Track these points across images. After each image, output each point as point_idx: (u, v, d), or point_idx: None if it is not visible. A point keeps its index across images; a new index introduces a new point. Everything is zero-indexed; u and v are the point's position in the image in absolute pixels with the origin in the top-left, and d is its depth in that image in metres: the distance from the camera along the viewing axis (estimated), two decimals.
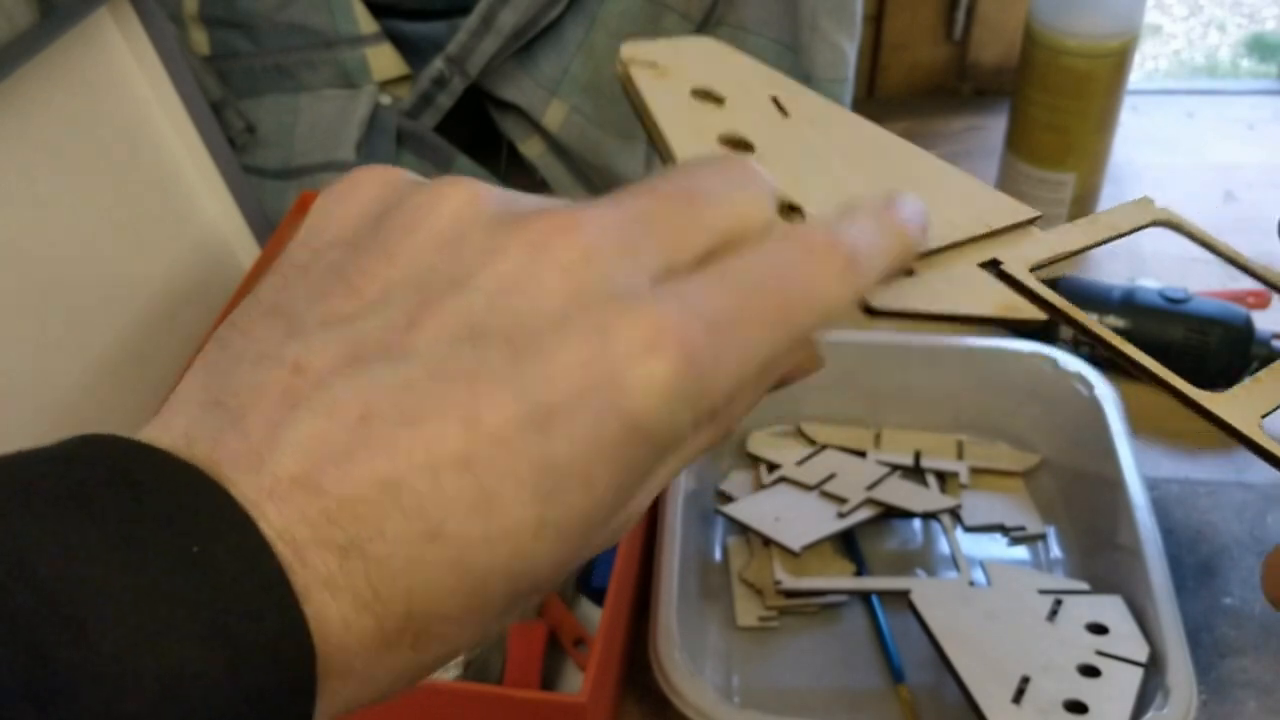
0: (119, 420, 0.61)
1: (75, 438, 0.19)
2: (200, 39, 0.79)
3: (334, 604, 0.19)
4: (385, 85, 0.79)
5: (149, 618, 0.18)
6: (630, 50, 0.32)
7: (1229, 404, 0.30)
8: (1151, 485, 0.57)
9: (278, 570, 0.19)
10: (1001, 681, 0.50)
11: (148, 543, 0.18)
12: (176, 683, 0.17)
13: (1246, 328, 0.67)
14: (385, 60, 0.79)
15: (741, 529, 0.61)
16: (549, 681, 0.54)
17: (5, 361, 0.56)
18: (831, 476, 0.62)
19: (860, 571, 0.59)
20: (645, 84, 0.31)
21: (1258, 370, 0.68)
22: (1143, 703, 0.49)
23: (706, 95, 0.32)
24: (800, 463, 0.64)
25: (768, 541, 0.59)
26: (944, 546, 0.61)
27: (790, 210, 0.29)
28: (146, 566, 0.18)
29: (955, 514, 0.62)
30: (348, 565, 0.19)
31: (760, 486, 0.63)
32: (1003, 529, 0.62)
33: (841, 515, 0.60)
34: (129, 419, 0.60)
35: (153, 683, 0.17)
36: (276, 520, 0.19)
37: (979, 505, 0.63)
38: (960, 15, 0.92)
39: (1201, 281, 0.78)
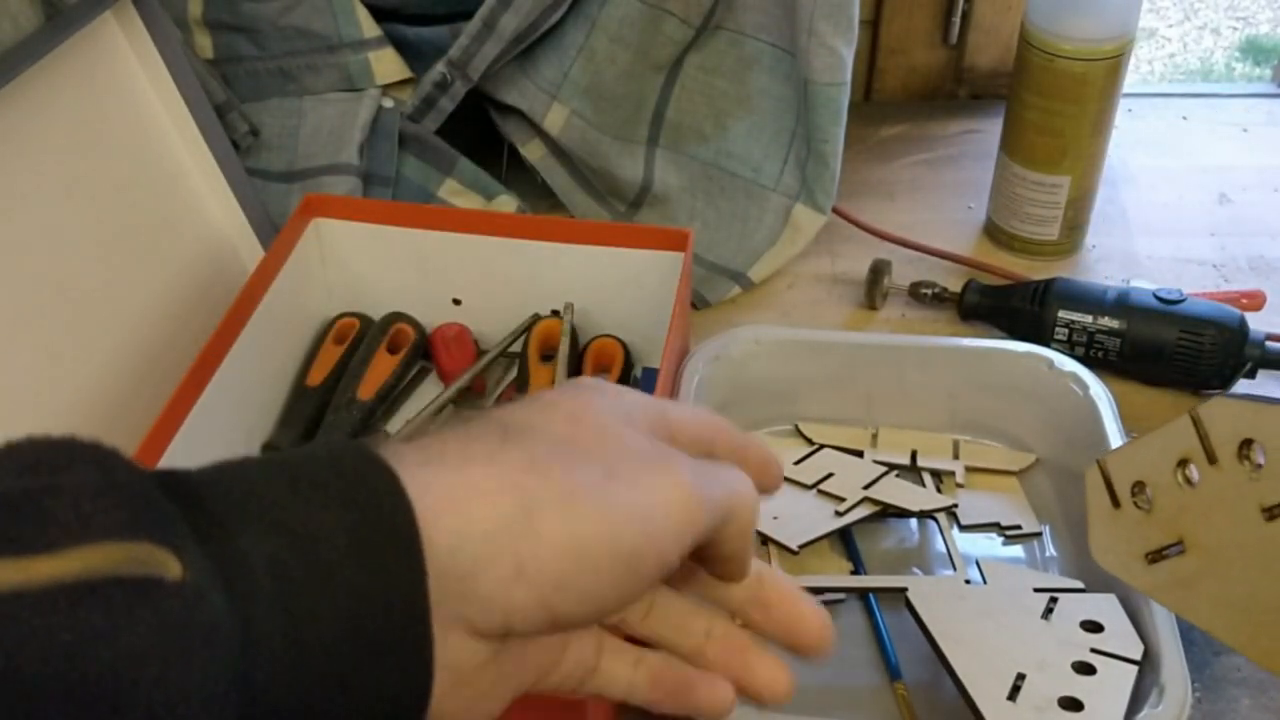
0: (122, 421, 0.61)
1: (347, 445, 0.28)
2: (204, 43, 0.79)
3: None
4: (388, 89, 0.80)
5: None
6: None
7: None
8: None
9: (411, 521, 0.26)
10: (997, 679, 0.50)
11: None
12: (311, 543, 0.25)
13: (1240, 329, 0.68)
14: (388, 64, 0.79)
15: None
16: None
17: (10, 364, 0.56)
18: (829, 476, 0.63)
19: (857, 570, 0.60)
20: None
21: (1252, 371, 0.68)
22: (1137, 700, 0.49)
23: None
24: (798, 462, 0.64)
25: (766, 540, 0.59)
26: (940, 545, 0.61)
27: None
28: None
29: (951, 513, 0.63)
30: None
31: None
32: (998, 528, 0.62)
33: (839, 514, 0.60)
34: (133, 420, 0.61)
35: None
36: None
37: (975, 504, 0.63)
38: (956, 20, 0.92)
39: (1196, 283, 0.79)
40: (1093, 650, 0.52)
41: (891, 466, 0.64)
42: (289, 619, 0.24)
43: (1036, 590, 0.55)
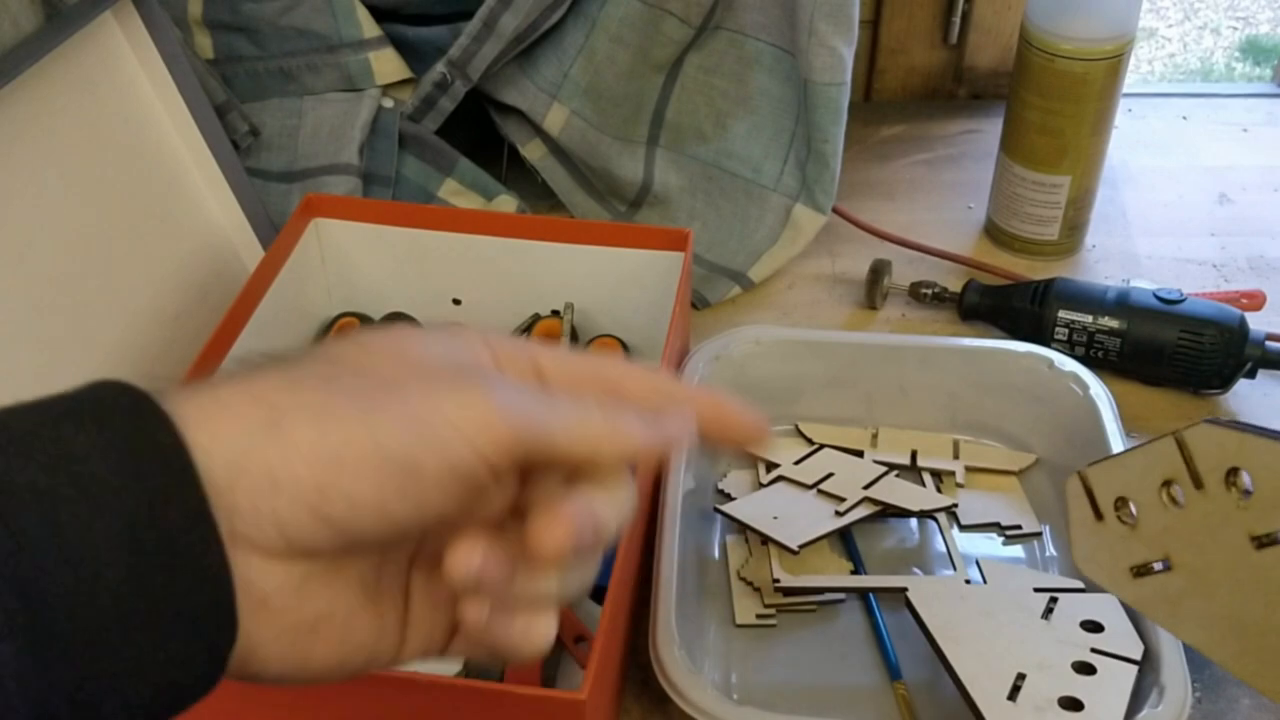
0: None
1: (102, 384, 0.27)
2: (204, 43, 0.79)
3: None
4: (388, 89, 0.80)
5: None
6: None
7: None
8: None
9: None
10: (997, 678, 0.50)
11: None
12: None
13: (1241, 328, 0.68)
14: (388, 64, 0.79)
15: (740, 528, 0.61)
16: (549, 678, 0.55)
17: (10, 362, 0.56)
18: (829, 476, 0.63)
19: (857, 570, 0.60)
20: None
21: (1252, 371, 0.68)
22: (1137, 700, 0.49)
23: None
24: (798, 462, 0.64)
25: (766, 540, 0.59)
26: (940, 545, 0.62)
27: None
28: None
29: (952, 513, 0.63)
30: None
31: (759, 485, 0.64)
32: (999, 528, 0.62)
33: (839, 514, 0.60)
34: None
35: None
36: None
37: (975, 504, 0.63)
38: (956, 20, 0.92)
39: (1196, 283, 0.79)
40: (1093, 650, 0.52)
41: (891, 466, 0.64)
42: (60, 536, 0.24)
43: (1036, 590, 0.55)
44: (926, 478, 0.64)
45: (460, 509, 0.29)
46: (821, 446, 0.66)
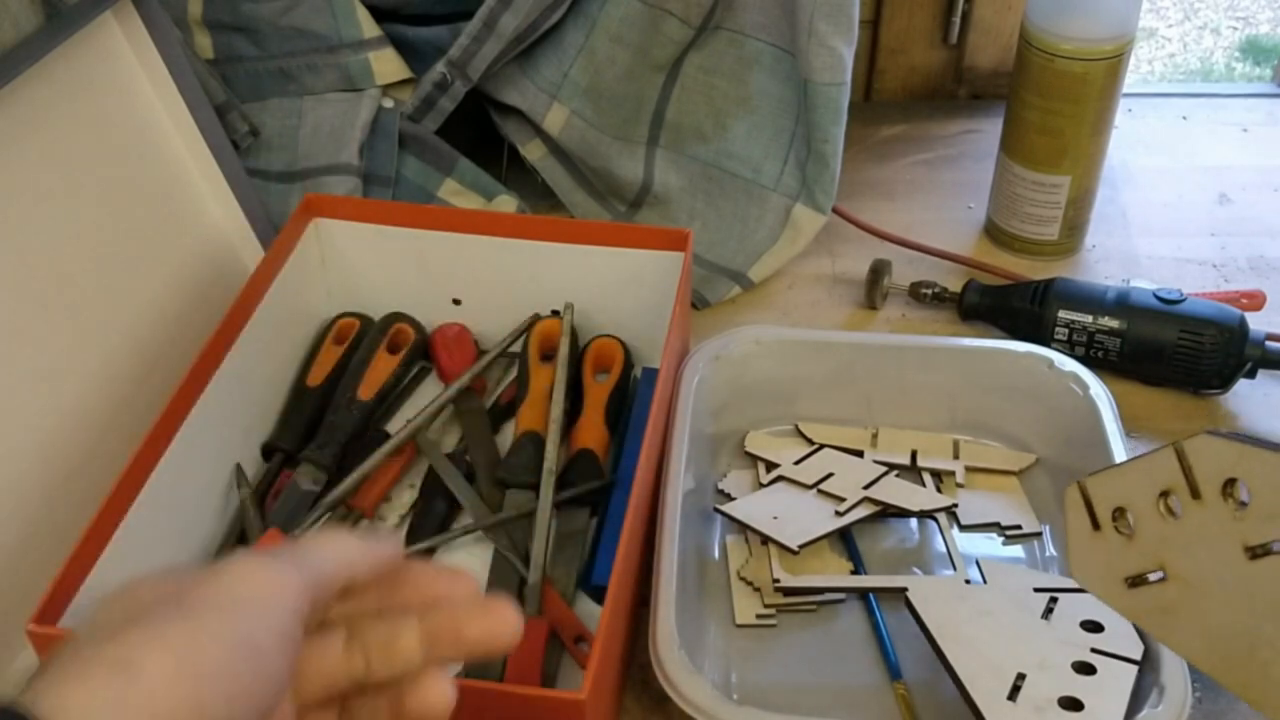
0: (122, 421, 0.61)
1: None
2: (204, 43, 0.79)
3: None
4: (388, 89, 0.80)
5: None
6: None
7: None
8: None
9: None
10: (997, 678, 0.50)
11: None
12: None
13: (1240, 328, 0.68)
14: (388, 64, 0.79)
15: (740, 527, 0.61)
16: (549, 678, 0.55)
17: (10, 363, 0.56)
18: (829, 476, 0.63)
19: (857, 570, 0.60)
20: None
21: (1252, 371, 0.68)
22: (1137, 700, 0.49)
23: None
24: (798, 462, 0.64)
25: (766, 540, 0.59)
26: (940, 545, 0.62)
27: None
28: None
29: (951, 513, 0.63)
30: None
31: (759, 486, 0.64)
32: (998, 528, 0.62)
33: (839, 514, 0.60)
34: (133, 420, 0.61)
35: None
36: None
37: (975, 504, 0.63)
38: (956, 20, 0.92)
39: (1196, 283, 0.79)
40: (1093, 650, 0.52)
41: (891, 466, 0.64)
42: None
43: (1036, 590, 0.55)
44: (926, 478, 0.64)
45: (292, 667, 0.33)
46: (821, 446, 0.66)
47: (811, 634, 0.58)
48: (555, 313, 0.70)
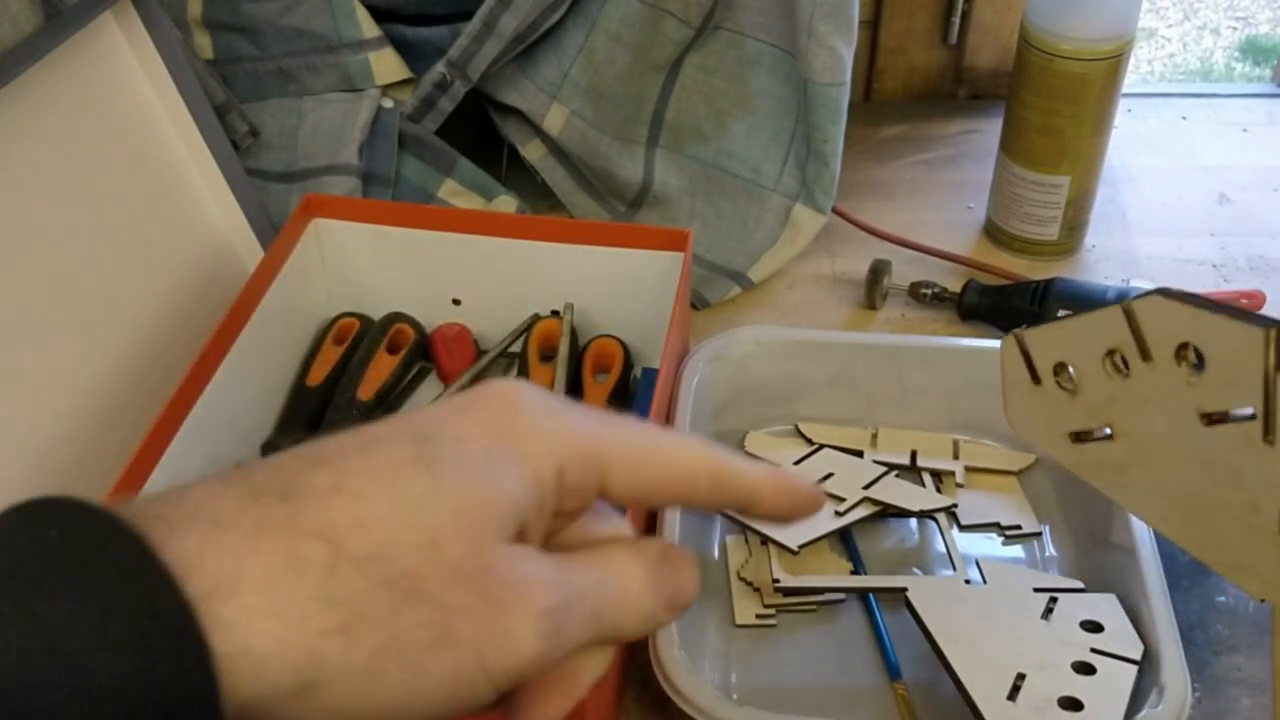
0: (122, 421, 0.61)
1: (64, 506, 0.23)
2: (204, 43, 0.79)
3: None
4: (388, 89, 0.80)
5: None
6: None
7: None
8: None
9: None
10: (997, 678, 0.50)
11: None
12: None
13: None
14: (388, 64, 0.79)
15: (740, 527, 0.61)
16: None
17: (9, 363, 0.56)
18: (829, 476, 0.63)
19: (857, 570, 0.60)
20: None
21: None
22: (1137, 700, 0.49)
23: None
24: (798, 462, 0.64)
25: (766, 540, 0.59)
26: (940, 545, 0.62)
27: None
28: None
29: (951, 513, 0.63)
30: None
31: None
32: (998, 528, 0.62)
33: (839, 514, 0.60)
34: (133, 420, 0.61)
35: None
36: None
37: (975, 504, 0.63)
38: (956, 20, 0.92)
39: (1196, 283, 0.79)
40: (1093, 650, 0.52)
41: (891, 466, 0.64)
42: None
43: (1036, 590, 0.55)
44: (926, 478, 0.64)
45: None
46: (821, 446, 0.66)
47: (811, 634, 0.58)
48: (555, 313, 0.70)
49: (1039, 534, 0.62)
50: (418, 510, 0.25)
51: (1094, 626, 0.53)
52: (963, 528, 0.62)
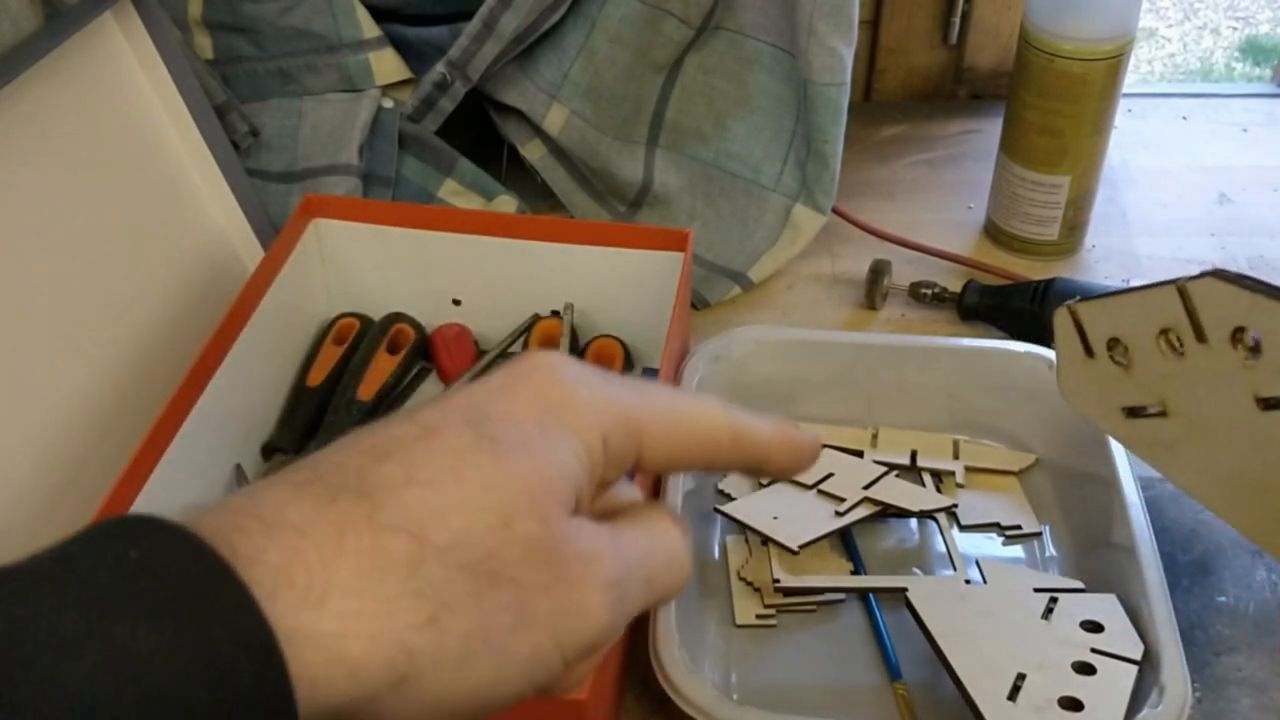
0: (122, 422, 0.61)
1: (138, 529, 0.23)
2: (204, 43, 0.79)
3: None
4: (388, 89, 0.80)
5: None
6: None
7: None
8: (1146, 485, 0.57)
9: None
10: (997, 679, 0.50)
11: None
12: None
13: None
14: (388, 64, 0.79)
15: (740, 528, 0.61)
16: None
17: (9, 364, 0.56)
18: (829, 476, 0.63)
19: (857, 570, 0.60)
20: None
21: None
22: (1137, 700, 0.49)
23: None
24: None
25: (766, 540, 0.59)
26: (940, 545, 0.62)
27: None
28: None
29: (951, 513, 0.63)
30: None
31: (759, 486, 0.64)
32: (998, 528, 0.62)
33: (839, 514, 0.60)
34: (132, 421, 0.61)
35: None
36: None
37: (975, 504, 0.63)
38: (956, 20, 0.92)
39: None
40: (1093, 650, 0.52)
41: (891, 466, 0.64)
42: None
43: (1036, 590, 0.55)
44: (926, 478, 0.64)
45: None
46: (821, 446, 0.65)
47: (811, 634, 0.58)
48: (555, 313, 0.70)
49: (1039, 534, 0.62)
50: (488, 493, 0.25)
51: (1094, 626, 0.53)
52: (963, 528, 0.62)
